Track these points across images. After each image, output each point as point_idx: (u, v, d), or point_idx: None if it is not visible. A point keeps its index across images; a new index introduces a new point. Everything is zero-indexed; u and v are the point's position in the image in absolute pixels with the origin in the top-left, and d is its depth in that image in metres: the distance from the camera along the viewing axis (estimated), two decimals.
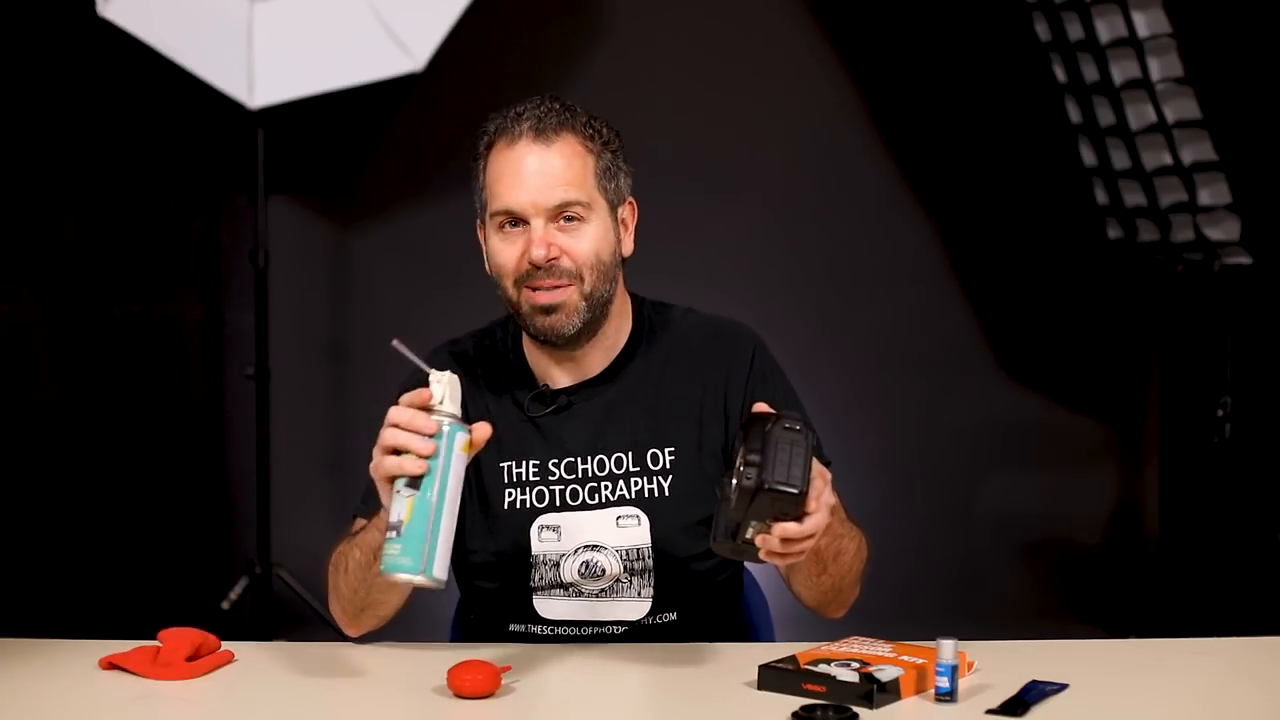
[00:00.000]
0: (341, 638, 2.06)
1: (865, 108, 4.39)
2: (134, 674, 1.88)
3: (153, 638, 1.94)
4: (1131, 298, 4.44)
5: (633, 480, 2.06)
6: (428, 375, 1.78)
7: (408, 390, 1.80)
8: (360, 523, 2.02)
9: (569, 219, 2.01)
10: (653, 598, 2.06)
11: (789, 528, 1.74)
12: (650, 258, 4.04)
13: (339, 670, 1.98)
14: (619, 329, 2.11)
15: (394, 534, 1.75)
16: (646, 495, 2.06)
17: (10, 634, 2.09)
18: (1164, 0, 3.64)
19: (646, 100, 4.29)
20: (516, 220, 2.01)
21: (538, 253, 1.99)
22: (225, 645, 1.96)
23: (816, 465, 1.75)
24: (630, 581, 2.06)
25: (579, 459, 2.07)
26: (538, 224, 2.00)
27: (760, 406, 1.79)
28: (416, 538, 1.74)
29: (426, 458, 1.74)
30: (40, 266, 4.15)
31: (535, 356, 2.11)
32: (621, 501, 2.06)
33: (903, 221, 4.40)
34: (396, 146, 4.26)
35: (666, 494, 2.06)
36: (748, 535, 1.76)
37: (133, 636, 1.98)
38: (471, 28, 3.77)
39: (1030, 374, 4.46)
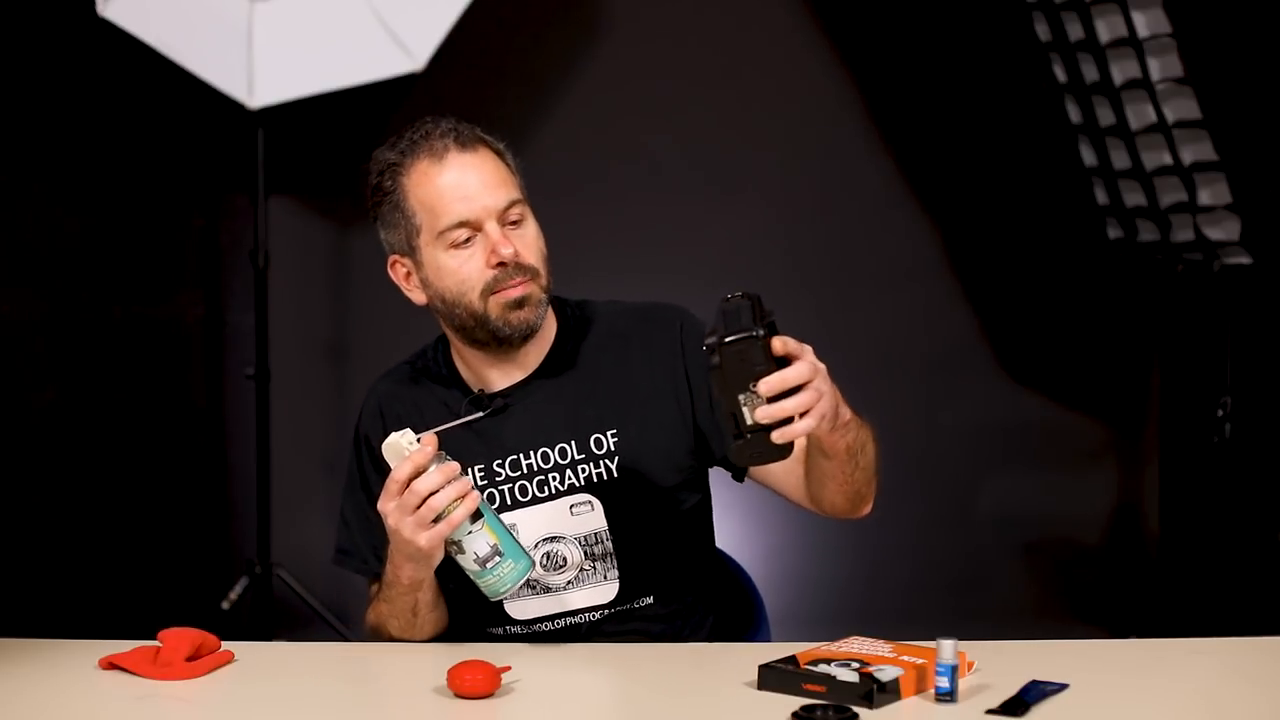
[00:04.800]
0: (342, 638, 2.06)
1: (865, 107, 4.39)
2: (134, 674, 1.88)
3: (153, 638, 1.94)
4: (1131, 298, 4.44)
5: (580, 467, 2.08)
6: (398, 437, 1.89)
7: (386, 436, 1.89)
8: (375, 589, 2.10)
9: (513, 222, 2.05)
10: (619, 579, 2.08)
11: (770, 380, 1.71)
12: (650, 257, 4.04)
13: (339, 670, 1.98)
14: (548, 325, 2.13)
15: (495, 559, 1.90)
16: (595, 480, 2.08)
17: (10, 634, 2.09)
18: (1164, 0, 3.64)
19: (647, 99, 4.29)
20: (468, 235, 2.03)
21: (507, 250, 2.02)
22: (225, 645, 1.96)
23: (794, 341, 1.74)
24: (594, 567, 2.08)
25: (521, 455, 2.09)
26: (493, 227, 2.03)
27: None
28: (510, 545, 1.91)
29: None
30: (41, 266, 4.15)
31: (471, 364, 2.13)
32: (572, 490, 2.08)
33: (902, 221, 4.40)
34: None
35: (615, 475, 2.08)
36: (748, 421, 1.72)
37: (133, 636, 1.98)
38: (471, 28, 3.77)
39: (1030, 374, 4.46)
